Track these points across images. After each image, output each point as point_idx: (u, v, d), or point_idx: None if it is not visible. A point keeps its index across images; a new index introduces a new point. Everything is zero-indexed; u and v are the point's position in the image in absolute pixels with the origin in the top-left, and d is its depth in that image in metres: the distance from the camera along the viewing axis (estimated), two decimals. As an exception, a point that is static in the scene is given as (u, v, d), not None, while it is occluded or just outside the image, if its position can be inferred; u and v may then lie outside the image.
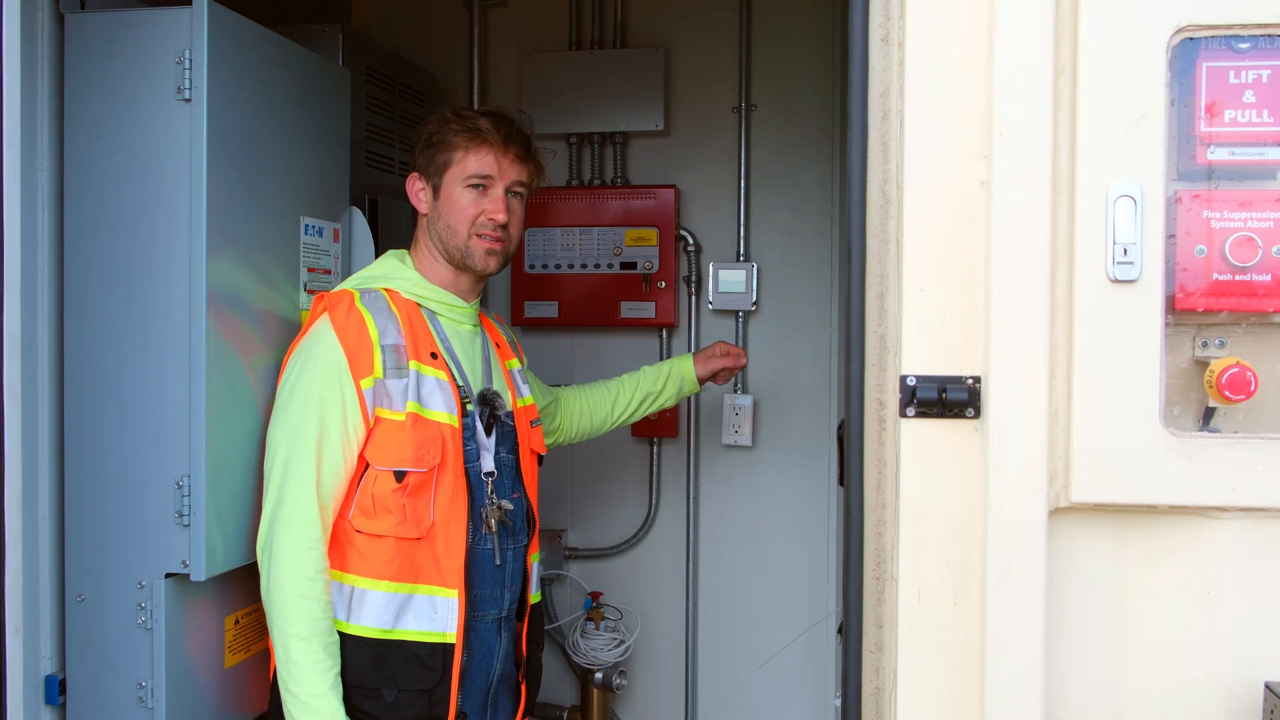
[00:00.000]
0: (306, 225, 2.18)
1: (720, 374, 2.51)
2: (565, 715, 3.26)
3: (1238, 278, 1.34)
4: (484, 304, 3.35)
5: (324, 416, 1.84)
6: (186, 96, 1.86)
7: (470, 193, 1.99)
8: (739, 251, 3.20)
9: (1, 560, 1.54)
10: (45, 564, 1.92)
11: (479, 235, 1.99)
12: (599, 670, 3.13)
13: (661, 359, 3.23)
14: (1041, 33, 1.34)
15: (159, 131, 1.87)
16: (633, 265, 3.17)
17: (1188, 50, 1.35)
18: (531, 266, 3.23)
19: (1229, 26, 1.34)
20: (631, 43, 3.23)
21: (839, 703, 1.50)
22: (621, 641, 3.13)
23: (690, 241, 3.20)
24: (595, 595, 3.21)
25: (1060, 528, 1.38)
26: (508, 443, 2.05)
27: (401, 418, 1.86)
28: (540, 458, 2.19)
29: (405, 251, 2.08)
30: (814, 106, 3.15)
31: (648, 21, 3.23)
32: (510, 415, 2.06)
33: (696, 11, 3.20)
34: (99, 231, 1.90)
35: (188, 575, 1.88)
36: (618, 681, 3.13)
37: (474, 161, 1.99)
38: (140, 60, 1.88)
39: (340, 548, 1.88)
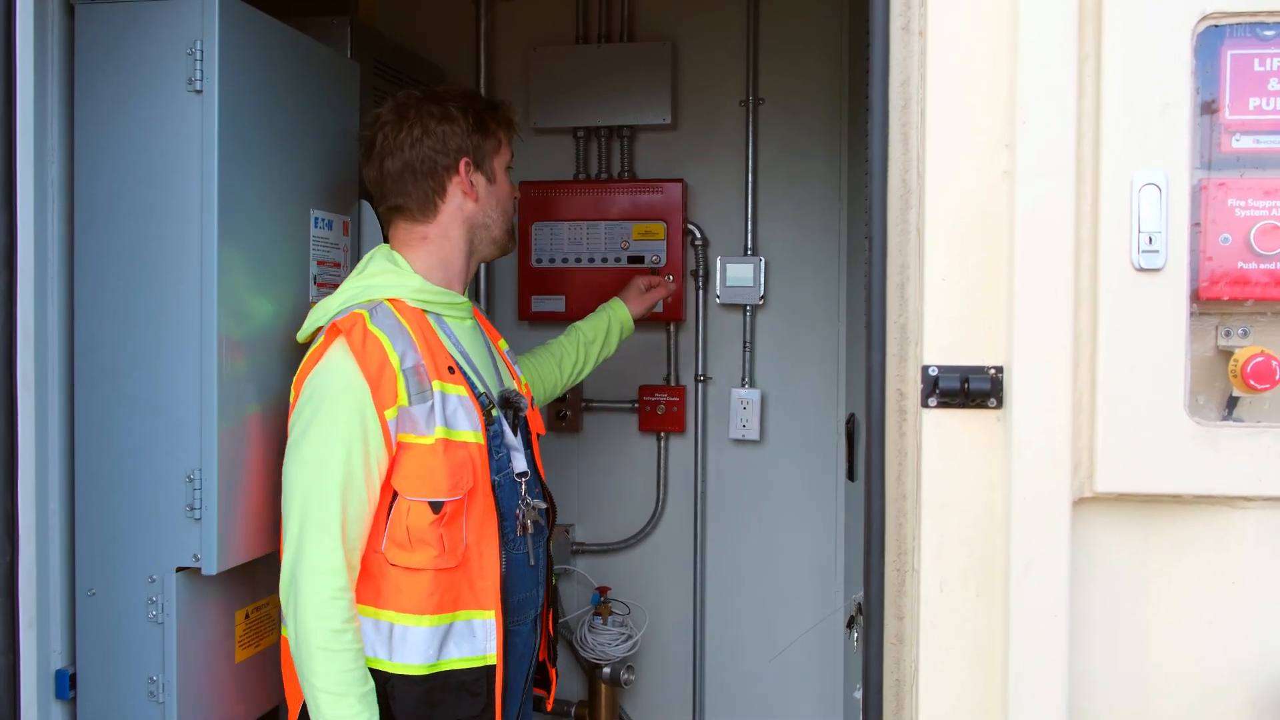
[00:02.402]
0: (316, 218, 2.17)
1: (651, 309, 2.63)
2: (573, 710, 3.25)
3: (1263, 266, 1.33)
4: (489, 298, 3.36)
5: (348, 455, 1.72)
6: (198, 88, 1.85)
7: (507, 176, 2.03)
8: (746, 246, 3.19)
9: (15, 554, 1.53)
10: (56, 558, 1.91)
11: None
12: (607, 665, 3.12)
13: (669, 354, 3.24)
14: (1065, 20, 1.33)
15: (170, 123, 1.86)
16: (640, 259, 3.16)
17: (1212, 38, 1.34)
18: (539, 260, 3.22)
19: (1254, 14, 1.33)
20: (639, 36, 3.22)
21: (860, 695, 1.49)
22: (629, 636, 3.12)
23: (698, 235, 3.19)
24: (603, 590, 3.21)
25: (1084, 518, 1.38)
26: (525, 436, 2.02)
27: (430, 442, 1.76)
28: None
29: (390, 249, 1.95)
30: (822, 100, 3.14)
31: (655, 15, 3.22)
32: (526, 406, 2.03)
33: (704, 5, 3.19)
34: (109, 224, 1.89)
35: (199, 569, 1.87)
36: (625, 676, 3.13)
37: (506, 147, 2.02)
38: (151, 52, 1.87)
39: (374, 582, 1.78)
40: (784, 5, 3.15)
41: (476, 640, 1.83)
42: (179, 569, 1.88)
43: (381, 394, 1.73)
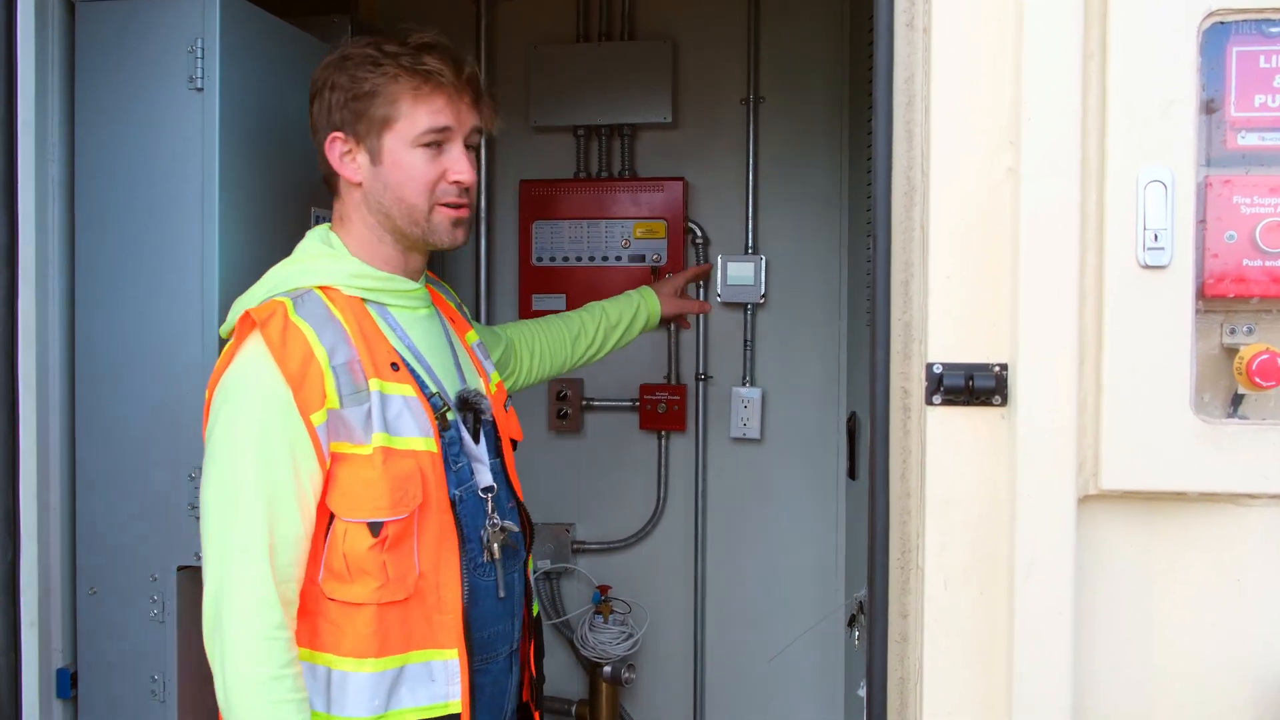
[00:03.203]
0: (317, 215, 2.17)
1: (681, 319, 2.51)
2: (573, 709, 3.25)
3: (1268, 263, 1.33)
4: (489, 296, 3.35)
5: (269, 471, 1.45)
6: (199, 86, 1.85)
7: (425, 153, 1.61)
8: (747, 244, 3.18)
9: (16, 552, 1.52)
10: (57, 556, 1.91)
11: (443, 205, 1.63)
12: (607, 664, 3.12)
13: (670, 352, 3.23)
14: (1070, 17, 1.33)
15: (171, 121, 1.86)
16: (641, 258, 3.16)
17: (1218, 34, 1.34)
18: (539, 259, 3.22)
19: (1260, 10, 1.33)
20: (639, 35, 3.21)
21: (864, 693, 1.49)
22: (630, 635, 3.12)
23: (698, 234, 3.19)
24: (604, 589, 3.20)
25: (1089, 516, 1.37)
26: (493, 444, 1.73)
27: (368, 452, 1.49)
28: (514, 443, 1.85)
29: (329, 230, 1.68)
30: (823, 98, 3.14)
31: (655, 13, 3.21)
32: (491, 409, 1.74)
33: (705, 3, 3.18)
34: (110, 221, 1.89)
35: (200, 568, 1.86)
36: (626, 675, 3.12)
37: (427, 113, 1.60)
38: (152, 49, 1.87)
39: (309, 620, 1.51)
40: (785, 3, 3.14)
41: (436, 685, 1.54)
42: (180, 567, 1.88)
43: (305, 396, 1.46)
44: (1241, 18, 1.33)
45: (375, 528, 1.50)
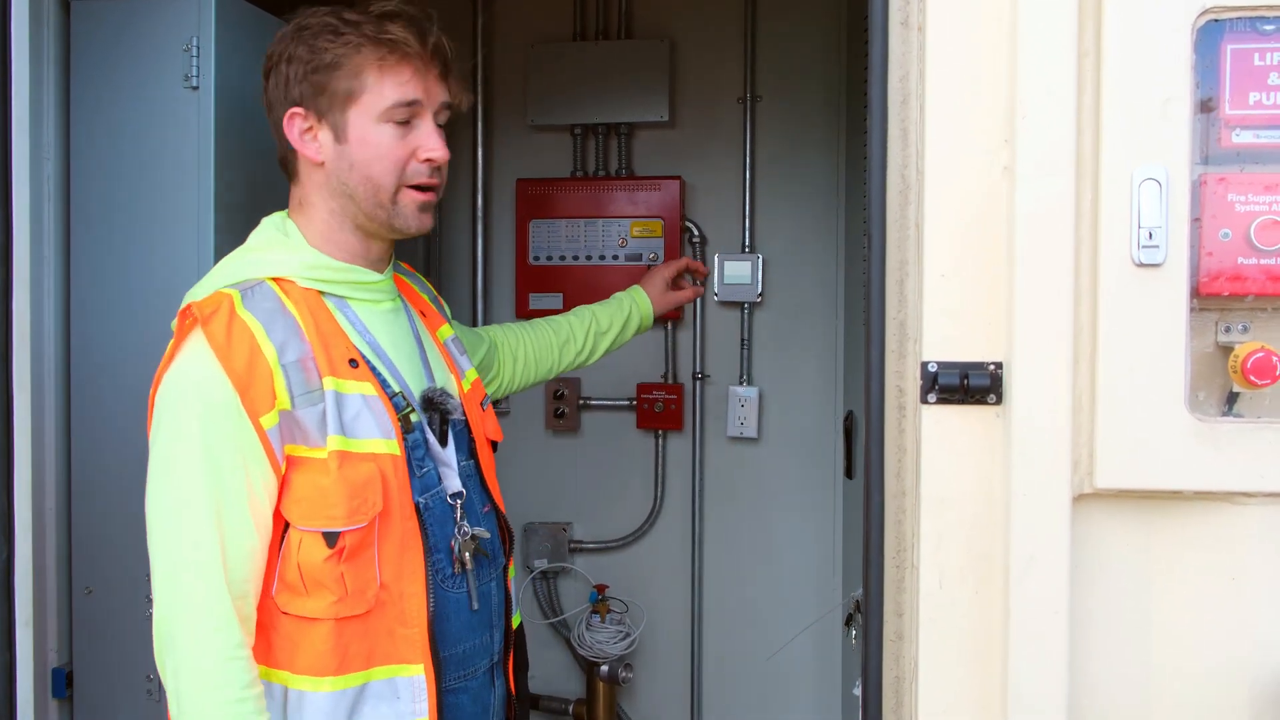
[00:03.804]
0: (314, 215, 2.17)
1: (675, 307, 2.34)
2: (570, 708, 3.25)
3: (1263, 261, 1.33)
4: (485, 295, 3.35)
5: (217, 480, 1.34)
6: (194, 84, 1.85)
7: (393, 130, 1.49)
8: (744, 243, 3.18)
9: (11, 552, 1.52)
10: (52, 556, 1.91)
11: (410, 187, 1.52)
12: (604, 663, 3.11)
13: (667, 352, 3.23)
14: (1065, 15, 1.33)
15: (166, 119, 1.87)
16: (638, 257, 3.15)
17: (1212, 32, 1.34)
18: (536, 258, 3.22)
19: (1254, 8, 1.32)
20: (636, 34, 3.21)
21: (859, 691, 1.49)
22: (627, 634, 3.12)
23: (695, 233, 3.19)
24: (601, 588, 3.20)
25: (1084, 514, 1.37)
26: (465, 446, 1.61)
27: (323, 456, 1.38)
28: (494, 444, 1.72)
29: (285, 217, 1.56)
30: (819, 97, 3.14)
31: (652, 12, 3.21)
32: (461, 409, 1.61)
33: (701, 2, 3.18)
34: (106, 221, 1.89)
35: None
36: (623, 674, 3.12)
37: (393, 86, 1.48)
38: (147, 48, 1.87)
39: (264, 635, 1.41)
40: (781, 2, 3.14)
41: (401, 703, 1.44)
42: (176, 567, 1.87)
43: (253, 397, 1.35)
44: (1236, 15, 1.33)
45: (331, 538, 1.39)
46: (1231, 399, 1.37)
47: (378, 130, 1.49)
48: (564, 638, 3.30)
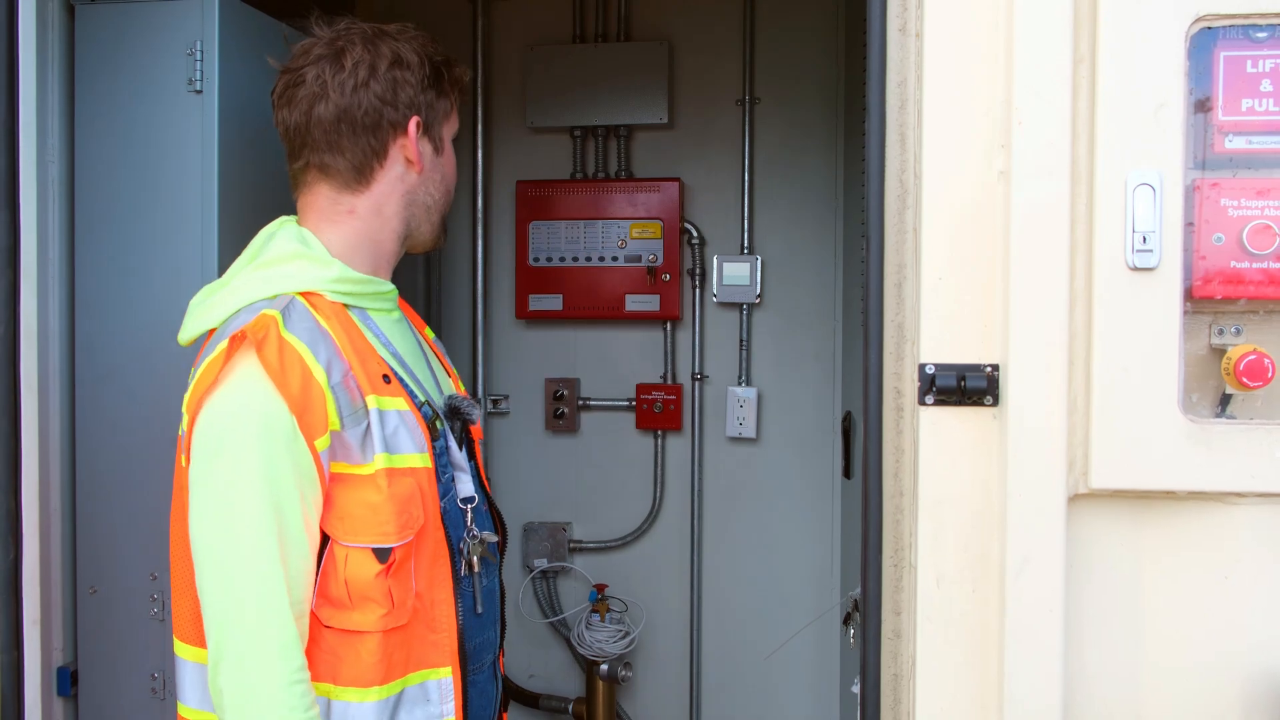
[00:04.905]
0: (316, 217, 2.18)
1: None
2: (570, 707, 3.26)
3: (1255, 265, 1.35)
4: (485, 296, 3.36)
5: (279, 504, 1.33)
6: (198, 88, 1.86)
7: (453, 151, 1.63)
8: (743, 244, 3.20)
9: (19, 552, 1.54)
10: (57, 556, 1.92)
11: None
12: (604, 662, 3.13)
13: (666, 353, 3.25)
14: (1061, 22, 1.35)
15: (170, 123, 1.88)
16: (637, 258, 3.17)
17: (1205, 39, 1.36)
18: (536, 259, 3.23)
19: (1246, 16, 1.34)
20: (635, 36, 3.23)
21: (858, 689, 1.51)
22: (627, 633, 3.13)
23: (694, 234, 3.21)
24: (600, 588, 3.22)
25: (1079, 514, 1.39)
26: (467, 448, 1.62)
27: (369, 472, 1.39)
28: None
29: (299, 226, 1.54)
30: (817, 99, 3.16)
31: (651, 14, 3.23)
32: (476, 414, 1.64)
33: (700, 4, 3.20)
34: (110, 223, 1.90)
35: (201, 567, 1.87)
36: (623, 673, 3.14)
37: (456, 115, 1.61)
38: (151, 52, 1.88)
39: (304, 649, 1.39)
40: (780, 5, 3.16)
41: (431, 704, 1.47)
42: (180, 566, 1.89)
43: (310, 422, 1.34)
44: (1229, 23, 1.35)
45: (382, 553, 1.39)
46: (1224, 401, 1.39)
47: (451, 150, 1.59)
48: (564, 637, 3.31)
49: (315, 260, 1.47)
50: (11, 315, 1.53)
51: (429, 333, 1.74)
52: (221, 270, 1.85)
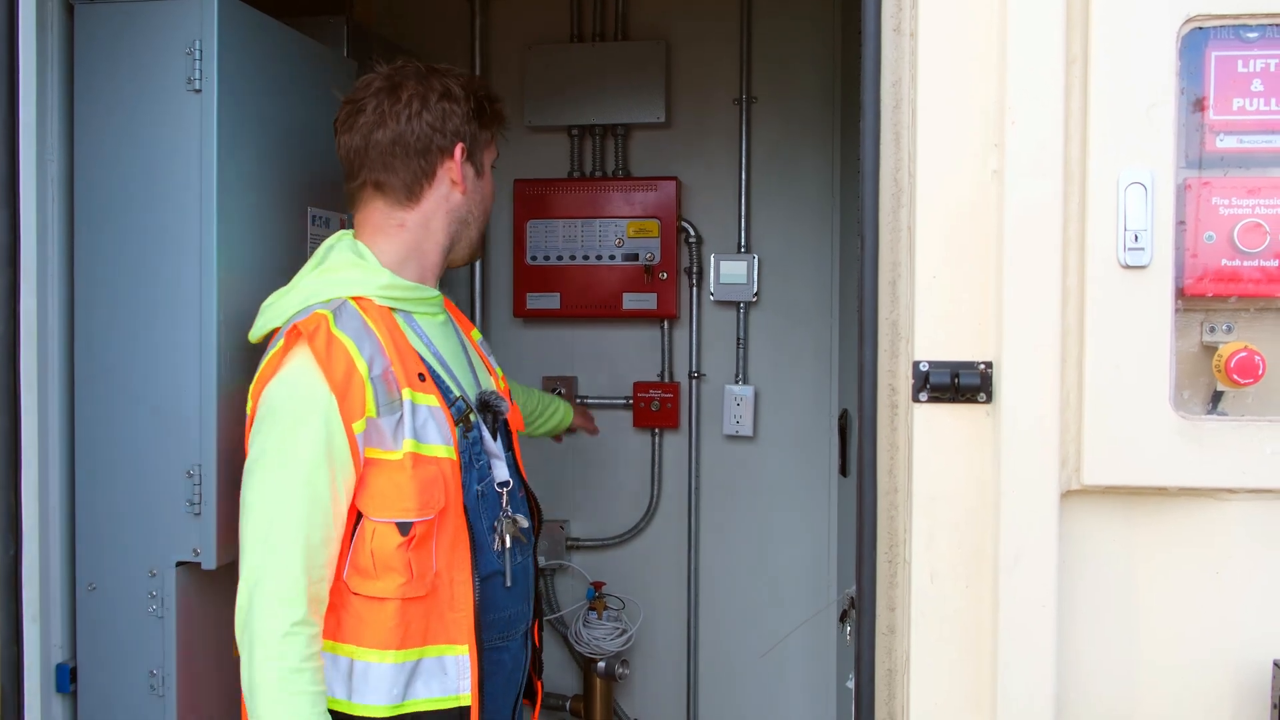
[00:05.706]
0: (313, 215, 2.19)
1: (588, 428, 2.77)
2: (568, 705, 3.28)
3: (1246, 263, 1.36)
4: (483, 295, 3.37)
5: (313, 476, 1.55)
6: (197, 87, 1.86)
7: (492, 176, 1.88)
8: (740, 243, 3.21)
9: (19, 548, 1.54)
10: (56, 552, 1.93)
11: None
12: (601, 659, 3.14)
13: (663, 351, 3.26)
14: (1053, 22, 1.36)
15: (169, 122, 1.88)
16: (635, 257, 3.18)
17: (1197, 40, 1.37)
18: (533, 258, 3.24)
19: (1237, 16, 1.35)
20: (633, 35, 3.24)
21: (852, 684, 1.52)
22: (624, 631, 3.14)
23: (691, 233, 3.22)
24: (598, 585, 3.23)
25: (1072, 511, 1.40)
26: (505, 438, 1.85)
27: (399, 457, 1.60)
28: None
29: (354, 239, 1.76)
30: (815, 98, 3.17)
31: (649, 14, 3.24)
32: (508, 408, 1.86)
33: (698, 4, 3.21)
34: (109, 222, 1.90)
35: (199, 564, 1.88)
36: (620, 671, 3.15)
37: (494, 144, 1.86)
38: (150, 51, 1.88)
39: (334, 613, 1.62)
40: (777, 4, 3.17)
41: (448, 678, 1.65)
42: (179, 563, 1.90)
43: (349, 405, 1.56)
44: (1220, 23, 1.36)
45: (404, 528, 1.60)
46: (1216, 398, 1.40)
47: (491, 175, 1.86)
48: (561, 634, 3.32)
49: (367, 269, 1.70)
50: (11, 313, 1.54)
51: (475, 334, 1.97)
52: (220, 269, 1.86)
